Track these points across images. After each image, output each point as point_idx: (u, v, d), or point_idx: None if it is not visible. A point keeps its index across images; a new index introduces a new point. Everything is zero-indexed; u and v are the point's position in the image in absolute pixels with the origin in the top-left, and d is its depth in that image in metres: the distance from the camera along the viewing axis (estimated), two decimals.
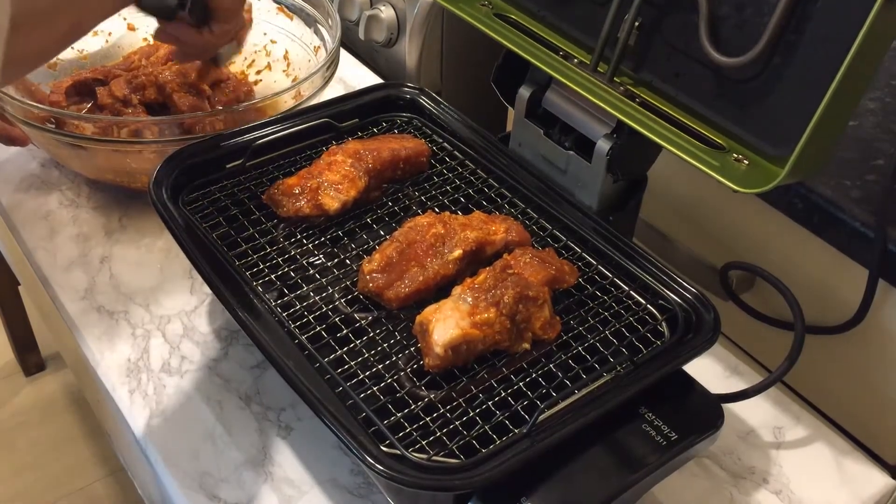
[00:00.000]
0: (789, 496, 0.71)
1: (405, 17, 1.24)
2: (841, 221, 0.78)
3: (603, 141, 0.74)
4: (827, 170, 0.81)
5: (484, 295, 0.64)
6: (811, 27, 0.59)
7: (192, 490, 0.68)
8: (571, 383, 0.62)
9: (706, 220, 0.96)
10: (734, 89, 0.65)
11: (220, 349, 0.78)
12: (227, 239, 0.72)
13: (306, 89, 0.92)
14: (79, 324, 0.81)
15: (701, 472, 0.72)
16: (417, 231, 0.70)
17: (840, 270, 0.82)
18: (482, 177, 0.81)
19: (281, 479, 0.69)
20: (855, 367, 0.87)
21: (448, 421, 0.59)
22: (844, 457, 0.74)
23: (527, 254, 0.69)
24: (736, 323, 0.87)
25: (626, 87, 0.72)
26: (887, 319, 0.81)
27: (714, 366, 0.81)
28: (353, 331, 0.66)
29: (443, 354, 0.61)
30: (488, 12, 0.81)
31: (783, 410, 0.78)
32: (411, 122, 0.87)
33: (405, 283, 0.67)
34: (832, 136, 0.60)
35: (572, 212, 0.75)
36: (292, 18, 1.08)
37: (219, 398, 0.74)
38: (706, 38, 0.65)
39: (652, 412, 0.61)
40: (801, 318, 0.72)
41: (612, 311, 0.69)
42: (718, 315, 0.66)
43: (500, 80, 0.82)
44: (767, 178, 0.62)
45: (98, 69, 0.97)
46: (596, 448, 0.59)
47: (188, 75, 0.94)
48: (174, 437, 0.71)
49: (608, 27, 0.71)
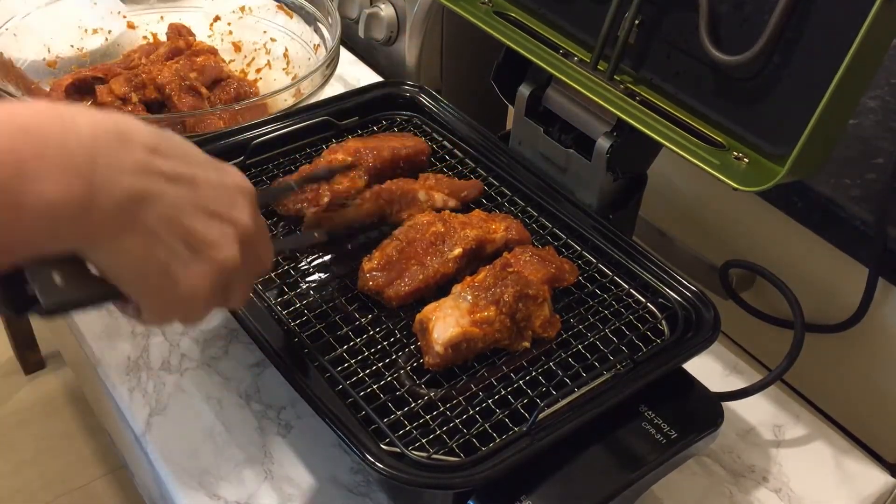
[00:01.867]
0: (789, 494, 0.71)
1: (405, 15, 1.24)
2: (841, 220, 0.78)
3: (603, 139, 0.74)
4: (827, 168, 0.81)
5: (484, 293, 0.64)
6: (811, 25, 0.59)
7: (192, 488, 0.68)
8: (571, 381, 0.62)
9: (706, 218, 0.96)
10: (734, 87, 0.65)
11: (220, 347, 0.78)
12: None
13: (306, 87, 0.92)
14: (78, 322, 0.81)
15: (701, 470, 0.72)
16: (417, 229, 0.70)
17: (840, 269, 0.82)
18: (482, 175, 0.81)
19: (281, 477, 0.69)
20: (855, 366, 0.87)
21: (448, 419, 0.59)
22: (844, 455, 0.74)
23: (527, 252, 0.69)
24: (736, 321, 0.87)
25: (626, 86, 0.72)
26: (887, 318, 0.81)
27: (714, 364, 0.81)
28: (353, 329, 0.66)
29: (443, 353, 0.61)
30: (488, 10, 0.81)
31: (783, 409, 0.78)
32: (411, 120, 0.87)
33: (405, 281, 0.67)
34: (832, 134, 0.60)
35: (572, 210, 0.75)
36: (292, 16, 1.08)
37: (219, 396, 0.74)
38: (706, 37, 0.65)
39: (652, 410, 0.61)
40: (801, 316, 0.72)
41: (612, 310, 0.69)
42: (718, 313, 0.66)
43: (500, 78, 0.82)
44: (767, 176, 0.62)
45: (98, 67, 0.97)
46: (596, 446, 0.59)
47: (187, 77, 0.94)
48: (174, 436, 0.71)
49: (608, 25, 0.71)
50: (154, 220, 0.43)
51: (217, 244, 0.46)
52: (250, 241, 0.48)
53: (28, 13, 1.03)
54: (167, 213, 0.43)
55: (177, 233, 0.44)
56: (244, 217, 0.47)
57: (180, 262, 0.44)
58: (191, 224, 0.44)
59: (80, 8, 1.06)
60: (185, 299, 0.46)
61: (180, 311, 0.48)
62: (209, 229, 0.45)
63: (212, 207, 0.46)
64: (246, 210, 0.48)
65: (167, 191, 0.43)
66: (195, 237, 0.45)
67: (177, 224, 0.44)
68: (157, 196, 0.43)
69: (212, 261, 0.46)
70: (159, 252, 0.43)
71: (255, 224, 0.49)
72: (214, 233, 0.45)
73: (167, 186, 0.43)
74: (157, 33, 1.06)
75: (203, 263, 0.45)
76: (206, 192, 0.46)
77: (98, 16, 1.06)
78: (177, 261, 0.44)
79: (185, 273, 0.45)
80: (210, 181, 0.47)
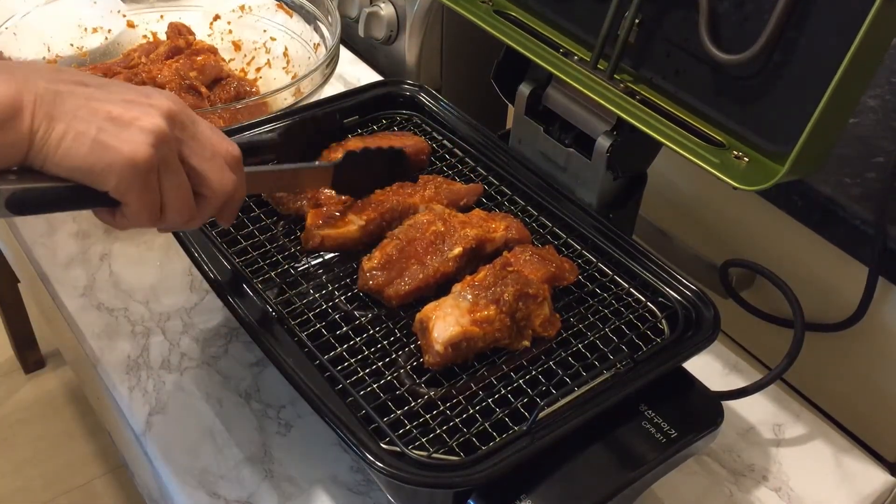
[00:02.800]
0: (788, 493, 0.71)
1: (405, 14, 1.23)
2: (841, 219, 0.78)
3: (603, 138, 0.74)
4: (827, 167, 0.81)
5: (484, 292, 0.64)
6: (811, 24, 0.59)
7: (192, 487, 0.68)
8: (571, 381, 0.62)
9: (706, 217, 0.96)
10: (734, 86, 0.65)
11: (220, 346, 0.78)
12: (227, 236, 0.72)
13: (306, 86, 0.91)
14: (78, 321, 0.81)
15: (700, 469, 0.72)
16: (417, 228, 0.70)
17: (840, 268, 0.82)
18: (482, 174, 0.81)
19: (281, 476, 0.69)
20: (855, 365, 0.87)
21: (448, 418, 0.59)
22: (844, 454, 0.74)
23: (527, 251, 0.69)
24: (736, 320, 0.87)
25: (626, 85, 0.72)
26: (887, 317, 0.81)
27: (714, 363, 0.81)
28: (353, 328, 0.66)
29: (443, 352, 0.61)
30: (488, 9, 0.81)
31: (783, 408, 0.78)
32: (411, 119, 0.87)
33: (405, 280, 0.67)
34: (832, 133, 0.60)
35: (572, 209, 0.75)
36: (292, 15, 1.08)
37: (218, 395, 0.74)
38: (706, 35, 0.64)
39: (652, 410, 0.61)
40: (801, 315, 0.72)
41: (611, 309, 0.69)
42: (718, 312, 0.66)
43: (500, 77, 0.82)
44: (767, 175, 0.62)
45: (98, 66, 0.97)
46: (596, 445, 0.59)
47: (187, 76, 0.93)
48: (174, 435, 0.71)
49: (608, 24, 0.71)
50: (72, 107, 0.49)
51: (139, 117, 0.50)
52: (178, 120, 0.52)
53: (28, 12, 1.02)
54: (83, 103, 0.49)
55: (98, 114, 0.49)
56: (162, 102, 0.52)
57: (110, 134, 0.49)
58: (108, 108, 0.50)
59: (80, 7, 1.06)
60: (131, 164, 0.50)
61: (136, 186, 0.51)
62: (129, 110, 0.50)
63: (128, 98, 0.51)
64: (164, 98, 0.52)
65: (77, 90, 0.50)
66: (117, 117, 0.50)
67: (94, 108, 0.49)
68: (69, 93, 0.49)
69: (140, 128, 0.50)
70: (88, 129, 0.49)
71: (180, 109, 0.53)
72: (134, 111, 0.50)
73: (78, 88, 0.50)
74: (157, 32, 1.06)
75: (129, 130, 0.50)
76: (119, 88, 0.52)
77: (98, 15, 1.06)
78: (105, 133, 0.49)
79: (118, 139, 0.49)
80: (120, 86, 0.52)
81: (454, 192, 0.76)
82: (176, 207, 0.54)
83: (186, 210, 0.54)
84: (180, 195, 0.53)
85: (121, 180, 0.50)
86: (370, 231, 0.71)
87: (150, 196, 0.52)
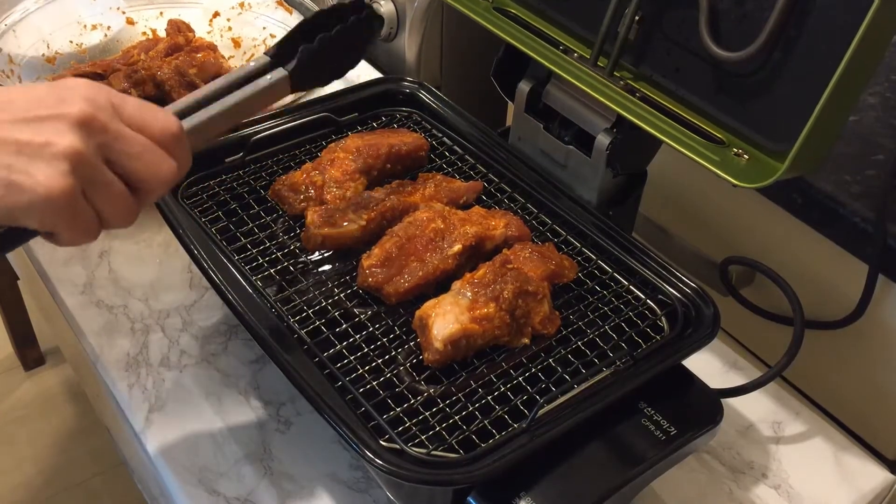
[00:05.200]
0: (788, 491, 0.71)
1: (405, 11, 1.23)
2: (841, 216, 0.78)
3: (603, 135, 0.74)
4: (827, 165, 0.81)
5: (483, 290, 0.64)
6: (812, 22, 0.59)
7: (191, 485, 0.68)
8: (571, 378, 0.62)
9: (706, 214, 0.96)
10: (734, 84, 0.65)
11: (220, 344, 0.78)
12: (227, 233, 0.72)
13: None
14: (78, 318, 0.81)
15: (700, 466, 0.72)
16: (417, 226, 0.70)
17: (840, 265, 0.82)
18: (482, 171, 0.81)
19: (280, 473, 0.69)
20: (854, 363, 0.87)
21: (447, 416, 0.59)
22: (843, 452, 0.74)
23: (526, 249, 0.69)
24: (735, 318, 0.87)
25: (626, 82, 0.72)
26: (887, 315, 0.81)
27: (713, 361, 0.81)
28: (353, 325, 0.66)
29: (442, 349, 0.61)
30: (488, 6, 0.81)
31: (782, 405, 0.78)
32: (411, 116, 0.87)
33: (405, 277, 0.67)
34: (832, 131, 0.60)
35: (572, 206, 0.75)
36: (291, 12, 1.08)
37: (218, 393, 0.74)
38: (706, 33, 0.64)
39: (651, 407, 0.61)
40: (801, 313, 0.72)
41: (611, 306, 0.69)
42: (718, 310, 0.66)
43: (500, 74, 0.82)
44: (767, 172, 0.62)
45: (97, 63, 0.97)
46: (595, 443, 0.59)
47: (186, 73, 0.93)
48: (173, 432, 0.71)
49: (608, 21, 0.71)
50: None
51: (50, 141, 0.46)
52: (97, 124, 0.48)
53: (27, 9, 1.02)
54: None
55: (5, 147, 0.45)
56: (74, 106, 0.47)
57: (20, 172, 0.45)
58: (16, 136, 0.46)
59: (79, 4, 1.06)
60: (50, 201, 0.46)
61: (63, 218, 0.47)
62: (38, 133, 0.46)
63: (32, 114, 0.46)
64: (78, 99, 0.47)
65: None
66: (26, 144, 0.46)
67: (1, 139, 0.45)
68: None
69: (52, 155, 0.46)
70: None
71: (97, 107, 0.48)
72: (45, 132, 0.46)
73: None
74: (157, 29, 1.06)
75: (41, 162, 0.46)
76: (21, 104, 0.47)
77: (97, 12, 1.06)
78: (16, 171, 0.45)
79: (30, 177, 0.46)
80: (28, 96, 0.47)
81: (454, 189, 0.76)
82: (114, 215, 0.50)
83: (128, 213, 0.51)
84: (115, 204, 0.50)
85: (44, 217, 0.47)
86: (371, 230, 0.71)
87: (80, 220, 0.48)
